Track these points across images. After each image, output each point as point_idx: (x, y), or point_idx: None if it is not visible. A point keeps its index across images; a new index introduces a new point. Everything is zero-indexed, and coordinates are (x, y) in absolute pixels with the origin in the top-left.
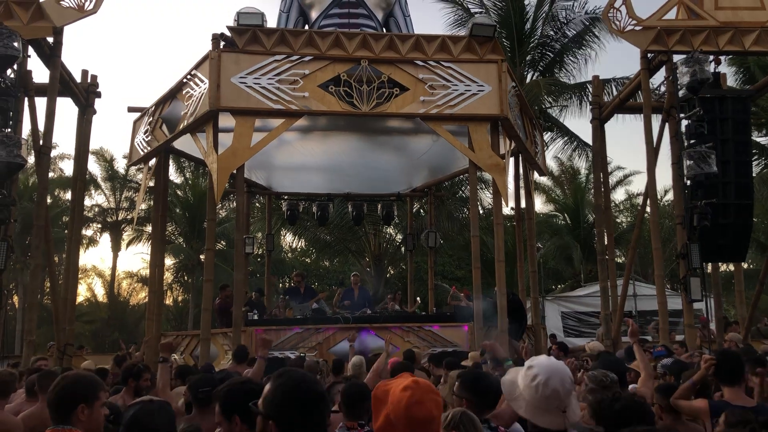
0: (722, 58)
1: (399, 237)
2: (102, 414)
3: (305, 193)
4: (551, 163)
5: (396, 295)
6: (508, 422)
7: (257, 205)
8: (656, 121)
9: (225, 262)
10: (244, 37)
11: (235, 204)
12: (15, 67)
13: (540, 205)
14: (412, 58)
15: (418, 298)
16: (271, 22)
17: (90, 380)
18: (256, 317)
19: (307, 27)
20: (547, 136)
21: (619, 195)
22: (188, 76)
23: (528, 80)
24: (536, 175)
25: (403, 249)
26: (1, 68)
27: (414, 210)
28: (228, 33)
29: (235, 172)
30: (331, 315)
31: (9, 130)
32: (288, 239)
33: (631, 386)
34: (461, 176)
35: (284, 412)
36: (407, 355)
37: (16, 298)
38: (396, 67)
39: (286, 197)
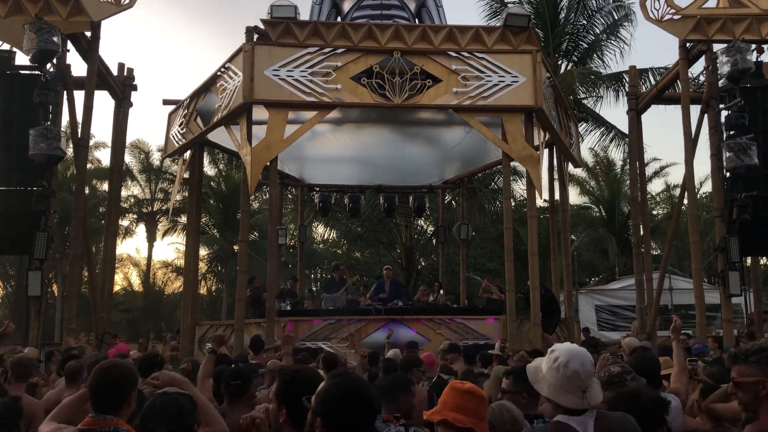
0: (765, 46)
1: (430, 229)
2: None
3: (337, 184)
4: (586, 155)
5: (435, 286)
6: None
7: (289, 196)
8: (695, 111)
9: (258, 253)
10: (278, 29)
11: (267, 196)
12: (54, 61)
13: (574, 196)
14: (445, 49)
15: (436, 286)
16: (304, 15)
17: (134, 369)
18: (288, 308)
19: (339, 19)
20: (581, 127)
21: (655, 186)
22: (222, 69)
23: (562, 70)
24: (571, 166)
25: (434, 241)
26: (41, 63)
27: (446, 202)
28: (261, 26)
29: (268, 164)
30: (363, 306)
31: (49, 123)
32: (320, 231)
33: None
34: (494, 168)
35: (332, 412)
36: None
37: (55, 287)
38: (429, 59)
39: (318, 189)
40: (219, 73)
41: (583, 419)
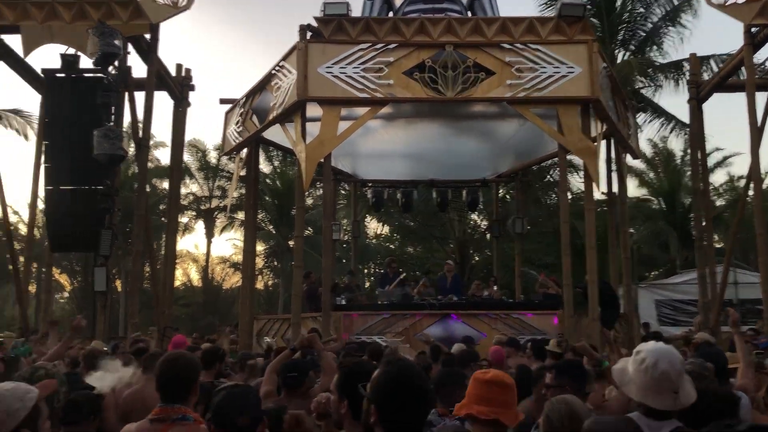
0: None
1: (484, 223)
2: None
3: (390, 180)
4: (644, 146)
5: (490, 281)
6: (617, 413)
7: (342, 192)
8: (760, 99)
9: (312, 248)
10: (330, 26)
11: (321, 191)
12: (116, 63)
13: (633, 189)
14: (499, 41)
15: (491, 281)
16: (356, 11)
17: (197, 361)
18: (344, 302)
19: (391, 14)
20: (640, 118)
21: (717, 177)
22: (277, 68)
23: (619, 60)
24: (629, 157)
25: (488, 235)
26: (104, 65)
27: (500, 196)
28: (314, 23)
29: (322, 160)
30: (417, 301)
31: (111, 123)
32: (372, 226)
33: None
34: (549, 161)
35: (384, 399)
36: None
37: (118, 283)
38: (482, 51)
39: (370, 184)
40: (274, 72)
41: (660, 425)
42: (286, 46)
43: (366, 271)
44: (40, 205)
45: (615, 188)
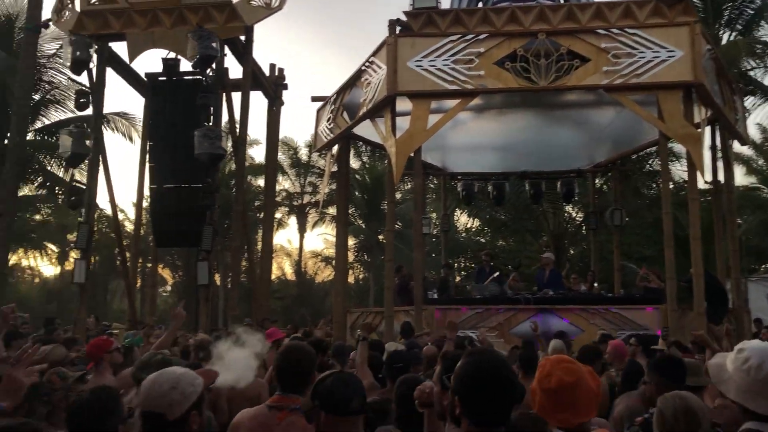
0: None
1: (580, 215)
2: None
3: (480, 172)
4: (753, 131)
5: (588, 276)
6: (729, 421)
7: (431, 185)
8: None
9: (402, 242)
10: (419, 20)
11: (410, 185)
12: (214, 65)
13: (740, 177)
14: (593, 27)
15: (589, 275)
16: (445, 3)
17: (313, 352)
18: (436, 296)
19: (480, 4)
20: (748, 102)
21: None
22: (366, 63)
23: (724, 41)
24: (736, 144)
25: (584, 228)
26: (202, 68)
27: (597, 186)
28: (404, 17)
29: (412, 154)
30: (511, 295)
31: (210, 123)
32: (462, 219)
33: None
34: (649, 149)
35: (467, 390)
36: None
37: (217, 277)
38: (576, 38)
39: (460, 177)
40: (363, 68)
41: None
42: (376, 41)
43: (456, 265)
44: (145, 203)
45: (721, 177)
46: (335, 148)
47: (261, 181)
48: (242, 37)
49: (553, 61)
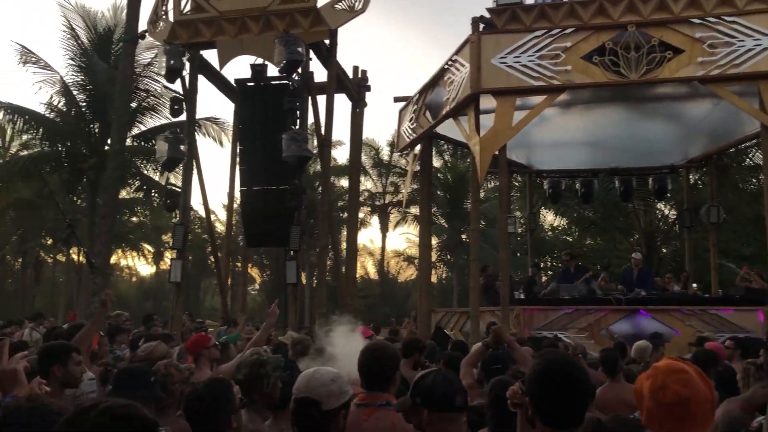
0: None
1: (673, 213)
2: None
3: (567, 169)
4: None
5: (682, 276)
6: None
7: (516, 183)
8: None
9: (485, 241)
10: (503, 16)
11: (493, 184)
12: (299, 69)
13: None
14: (687, 16)
15: (683, 276)
16: None
17: (396, 351)
18: (522, 296)
19: None
20: None
21: None
22: (449, 62)
23: None
24: None
25: (677, 226)
26: (289, 72)
27: (691, 182)
28: (487, 15)
29: (497, 152)
30: (601, 295)
31: (297, 126)
32: (549, 218)
33: None
34: (749, 142)
35: (541, 392)
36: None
37: (302, 276)
38: (668, 29)
39: (546, 174)
40: (446, 66)
41: None
42: (459, 40)
43: (542, 265)
44: (235, 205)
45: None
46: (418, 148)
47: (343, 182)
48: (326, 41)
49: (644, 54)
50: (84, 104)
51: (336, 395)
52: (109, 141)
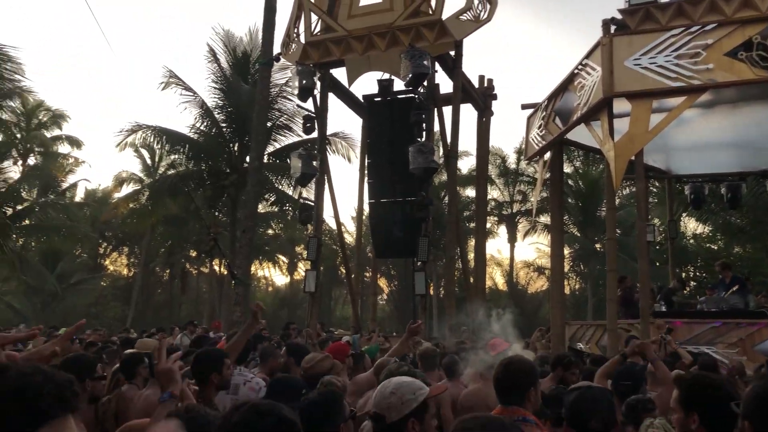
0: None
1: None
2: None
3: (710, 173)
4: None
5: None
6: None
7: (653, 189)
8: None
9: (620, 250)
10: (636, 16)
11: (628, 190)
12: (425, 83)
13: None
14: None
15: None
16: None
17: (532, 365)
18: (663, 308)
19: None
20: None
21: None
22: (579, 66)
23: None
24: None
25: None
26: (414, 86)
27: None
28: (618, 16)
29: (633, 157)
30: (754, 308)
31: (423, 138)
32: (690, 225)
33: None
34: None
35: (763, 416)
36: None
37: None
38: None
39: (687, 180)
40: (576, 71)
41: None
42: (588, 44)
43: (683, 275)
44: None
45: None
46: (547, 155)
47: (468, 192)
48: (452, 52)
49: None
50: (224, 125)
51: (396, 407)
52: (247, 158)
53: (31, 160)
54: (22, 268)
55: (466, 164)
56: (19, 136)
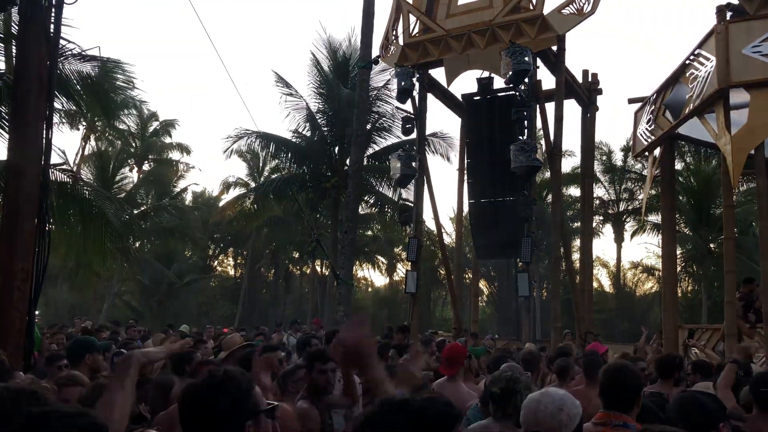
0: None
1: None
2: None
3: None
4: None
5: None
6: None
7: None
8: None
9: (738, 251)
10: (755, 1)
11: (746, 186)
12: (526, 79)
13: None
14: None
15: None
16: None
17: (638, 373)
18: None
19: None
20: None
21: None
22: (691, 57)
23: None
24: None
25: None
26: (515, 83)
27: None
28: (735, 1)
29: (752, 151)
30: None
31: (525, 136)
32: None
33: None
34: None
35: None
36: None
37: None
38: None
39: None
40: (688, 62)
41: None
42: (700, 33)
43: None
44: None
45: None
46: (657, 151)
47: (572, 190)
48: (554, 47)
49: None
50: (326, 128)
51: (566, 425)
52: (348, 161)
53: (146, 167)
54: (143, 268)
55: (569, 162)
56: (134, 145)
